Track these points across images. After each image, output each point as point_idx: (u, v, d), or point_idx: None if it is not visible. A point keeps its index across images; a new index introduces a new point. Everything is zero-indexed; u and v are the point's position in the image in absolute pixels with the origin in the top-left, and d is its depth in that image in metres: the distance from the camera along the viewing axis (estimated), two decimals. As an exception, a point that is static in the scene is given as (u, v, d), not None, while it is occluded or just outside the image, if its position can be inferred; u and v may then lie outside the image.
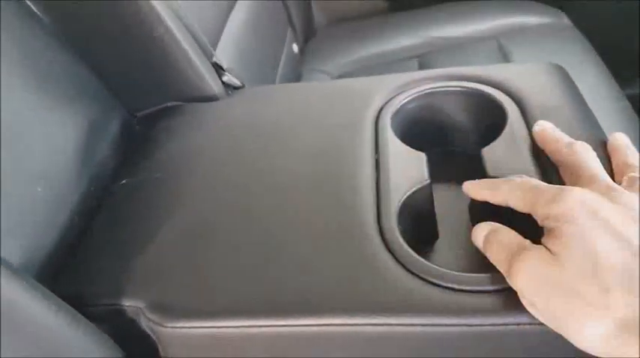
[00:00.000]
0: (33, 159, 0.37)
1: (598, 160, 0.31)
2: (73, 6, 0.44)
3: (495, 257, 0.29)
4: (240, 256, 0.32)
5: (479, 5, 1.00)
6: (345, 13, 1.12)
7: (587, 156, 0.31)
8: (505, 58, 0.88)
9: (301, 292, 0.29)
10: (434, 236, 0.37)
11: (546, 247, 0.26)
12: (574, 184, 0.29)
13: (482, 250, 0.31)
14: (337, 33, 1.09)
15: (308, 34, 1.08)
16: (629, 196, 0.27)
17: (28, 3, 0.43)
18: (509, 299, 0.27)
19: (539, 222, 0.28)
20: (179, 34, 0.46)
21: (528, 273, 0.26)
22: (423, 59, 0.94)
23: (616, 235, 0.25)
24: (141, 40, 0.45)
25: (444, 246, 0.37)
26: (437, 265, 0.35)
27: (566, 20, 0.94)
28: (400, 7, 1.09)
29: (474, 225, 0.37)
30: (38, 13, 0.43)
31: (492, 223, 0.31)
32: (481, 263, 0.35)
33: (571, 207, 0.26)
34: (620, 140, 0.34)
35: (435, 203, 0.37)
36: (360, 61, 0.99)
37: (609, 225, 0.25)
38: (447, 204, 0.39)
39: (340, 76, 0.98)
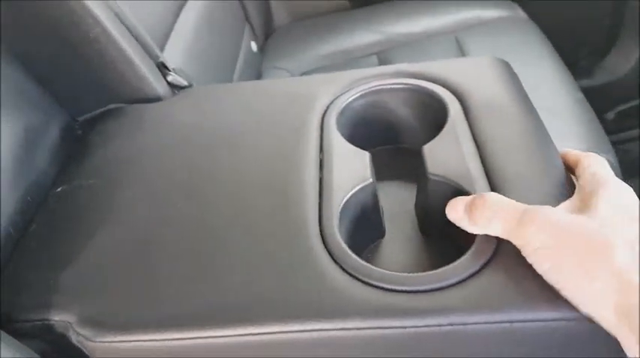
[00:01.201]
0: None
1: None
2: (6, 9, 0.42)
3: (489, 220, 0.28)
4: (176, 265, 0.31)
5: (437, 1, 1.00)
6: (305, 10, 1.11)
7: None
8: (462, 52, 0.89)
9: (239, 301, 0.28)
10: (380, 234, 0.37)
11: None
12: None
13: (464, 222, 0.30)
14: (298, 30, 1.09)
15: (268, 32, 1.07)
16: None
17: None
18: (449, 298, 0.27)
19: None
20: (117, 34, 0.44)
21: (540, 234, 0.26)
22: (382, 56, 0.94)
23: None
24: (77, 42, 0.43)
25: (391, 244, 0.37)
26: (383, 265, 0.34)
27: (521, 13, 0.96)
28: (361, 4, 1.09)
29: (420, 224, 0.38)
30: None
31: (467, 197, 0.31)
32: (429, 261, 0.35)
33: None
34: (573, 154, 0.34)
35: (382, 201, 0.37)
36: (321, 58, 0.98)
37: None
38: (394, 202, 0.39)
39: (301, 74, 0.97)
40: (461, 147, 0.34)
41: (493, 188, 0.32)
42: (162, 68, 0.49)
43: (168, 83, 0.49)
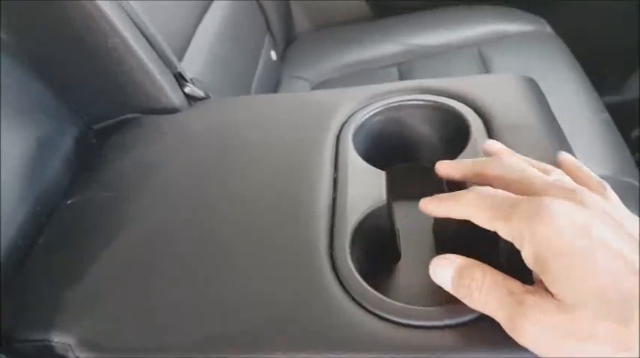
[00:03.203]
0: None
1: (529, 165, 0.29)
2: (25, 17, 0.42)
3: (482, 306, 0.25)
4: (181, 289, 0.30)
5: (461, 12, 0.99)
6: (326, 19, 1.11)
7: (519, 163, 0.29)
8: (485, 66, 0.87)
9: (244, 328, 0.27)
10: (396, 257, 0.35)
11: (544, 290, 0.23)
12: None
13: (451, 291, 0.27)
14: (318, 39, 1.08)
15: (288, 40, 1.06)
16: (595, 198, 0.25)
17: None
18: (466, 335, 0.25)
19: (509, 238, 0.25)
20: (135, 43, 0.44)
21: (536, 331, 0.23)
22: (403, 67, 0.93)
23: (617, 257, 0.22)
24: (95, 50, 0.43)
25: (406, 268, 0.35)
26: (397, 291, 0.33)
27: (548, 28, 0.93)
28: (383, 14, 1.08)
29: (437, 246, 0.36)
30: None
31: (455, 257, 0.27)
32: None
33: (559, 230, 0.23)
34: (569, 160, 0.32)
35: (399, 221, 0.36)
36: (341, 68, 0.97)
37: (607, 245, 0.23)
38: (411, 223, 0.37)
39: (320, 83, 0.97)
40: None
41: None
42: (180, 79, 0.49)
43: (185, 94, 0.48)
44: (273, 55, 0.92)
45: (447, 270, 0.27)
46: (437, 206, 0.30)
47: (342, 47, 1.01)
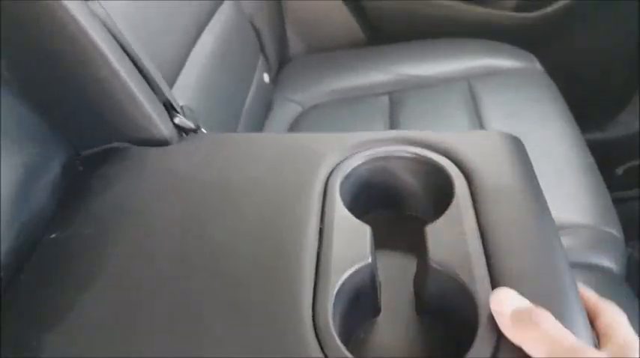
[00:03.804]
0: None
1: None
2: (16, 44, 0.42)
3: (540, 343, 0.26)
4: (158, 342, 0.30)
5: (453, 45, 1.00)
6: (321, 43, 1.12)
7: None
8: (474, 100, 0.88)
9: None
10: (375, 312, 0.36)
11: None
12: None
13: (501, 323, 0.28)
14: (312, 62, 1.09)
15: (281, 62, 1.07)
16: None
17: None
18: None
19: None
20: (127, 75, 0.44)
21: None
22: (394, 96, 0.94)
23: None
24: (85, 80, 0.43)
25: (385, 323, 0.35)
26: (377, 347, 0.33)
27: (537, 65, 0.95)
28: (377, 41, 1.09)
29: (417, 299, 0.36)
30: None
31: (514, 295, 0.29)
32: (424, 345, 0.34)
33: None
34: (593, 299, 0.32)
35: (380, 272, 0.36)
36: (332, 92, 0.98)
37: None
38: (391, 274, 0.38)
39: (311, 107, 0.97)
40: (465, 235, 0.33)
41: (494, 284, 0.31)
42: (170, 109, 0.49)
43: (175, 125, 0.48)
44: (266, 77, 0.93)
45: (509, 305, 0.28)
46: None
47: (334, 72, 1.02)
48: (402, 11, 1.04)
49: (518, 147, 0.40)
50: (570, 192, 0.68)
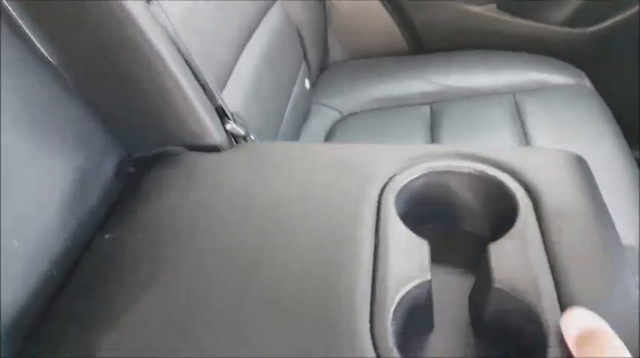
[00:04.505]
0: (10, 209, 0.35)
1: None
2: (73, 43, 0.42)
3: None
4: (215, 351, 0.29)
5: (499, 57, 0.98)
6: (362, 50, 1.11)
7: None
8: (520, 115, 0.86)
9: None
10: (428, 327, 0.35)
11: None
12: None
13: (567, 339, 0.27)
14: (351, 69, 1.08)
15: (322, 69, 1.07)
16: None
17: (35, 42, 0.41)
18: None
19: None
20: (182, 78, 0.44)
21: None
22: (436, 107, 0.92)
23: None
24: (142, 83, 0.43)
25: (438, 339, 0.35)
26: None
27: (587, 82, 0.92)
28: (420, 50, 1.08)
29: (472, 318, 0.35)
30: (43, 51, 0.42)
31: (586, 314, 0.28)
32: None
33: None
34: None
35: (434, 288, 0.35)
36: (372, 101, 0.97)
37: None
38: (446, 291, 0.37)
39: (350, 114, 0.96)
40: (531, 255, 0.32)
41: (563, 306, 0.29)
42: (222, 114, 0.49)
43: (227, 131, 0.48)
44: (307, 83, 0.93)
45: (576, 325, 0.27)
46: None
47: (374, 79, 1.01)
48: (448, 23, 1.02)
49: (583, 166, 0.39)
50: (622, 212, 0.65)
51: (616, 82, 0.95)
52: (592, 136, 0.79)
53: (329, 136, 0.93)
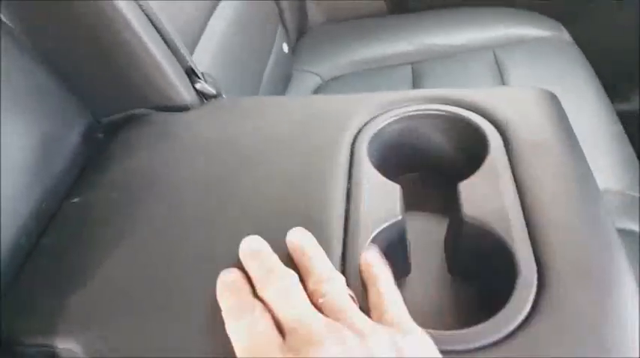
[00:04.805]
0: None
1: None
2: (36, 9, 0.41)
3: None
4: (185, 303, 0.29)
5: (477, 13, 0.97)
6: (341, 12, 1.09)
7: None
8: (500, 70, 0.85)
9: None
10: (405, 271, 0.35)
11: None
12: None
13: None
14: (331, 32, 1.06)
15: (300, 33, 1.05)
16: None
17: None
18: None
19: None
20: (148, 38, 0.43)
21: None
22: (417, 66, 0.91)
23: None
24: (106, 45, 0.42)
25: (416, 283, 0.35)
26: (408, 307, 0.32)
27: (565, 34, 0.92)
28: (399, 10, 1.06)
29: (448, 262, 0.35)
30: (2, 17, 0.40)
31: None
32: (456, 305, 0.33)
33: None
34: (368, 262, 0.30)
35: (409, 233, 0.35)
36: (353, 64, 0.96)
37: None
38: (421, 234, 0.37)
39: (332, 79, 0.95)
40: (500, 189, 0.32)
41: (533, 239, 0.29)
42: (192, 74, 0.48)
43: (197, 91, 0.47)
44: (285, 47, 0.91)
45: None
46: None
47: (355, 42, 0.99)
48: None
49: (555, 103, 0.39)
50: (600, 157, 0.66)
51: (593, 30, 0.94)
52: (572, 86, 0.78)
53: (311, 102, 0.92)
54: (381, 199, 0.33)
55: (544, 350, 0.25)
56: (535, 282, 0.27)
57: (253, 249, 0.29)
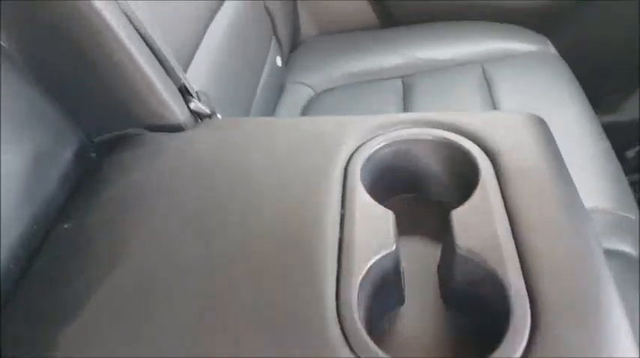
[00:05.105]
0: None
1: None
2: (27, 26, 0.41)
3: None
4: (179, 332, 0.29)
5: (466, 28, 0.98)
6: (333, 25, 1.10)
7: None
8: (488, 84, 0.87)
9: None
10: (399, 301, 0.35)
11: None
12: None
13: None
14: (323, 45, 1.07)
15: (293, 45, 1.05)
16: None
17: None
18: None
19: None
20: (141, 58, 0.43)
21: None
22: (407, 80, 0.92)
23: None
24: (99, 64, 0.42)
25: (410, 313, 0.34)
26: (403, 338, 0.32)
27: (551, 48, 0.93)
28: (391, 24, 1.07)
29: (442, 287, 0.36)
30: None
31: None
32: (450, 335, 0.33)
33: None
34: None
35: (403, 260, 0.35)
36: (345, 76, 0.97)
37: None
38: (415, 261, 0.37)
39: (323, 91, 0.96)
40: (492, 219, 0.32)
41: (525, 270, 0.30)
42: (185, 93, 0.48)
43: (191, 110, 0.47)
44: (279, 60, 0.91)
45: None
46: None
47: (347, 55, 1.00)
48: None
49: (544, 129, 0.39)
50: (588, 176, 0.67)
51: (578, 46, 0.96)
52: (559, 101, 0.80)
53: (304, 114, 0.92)
54: (375, 228, 0.33)
55: None
56: (528, 323, 0.27)
57: None
